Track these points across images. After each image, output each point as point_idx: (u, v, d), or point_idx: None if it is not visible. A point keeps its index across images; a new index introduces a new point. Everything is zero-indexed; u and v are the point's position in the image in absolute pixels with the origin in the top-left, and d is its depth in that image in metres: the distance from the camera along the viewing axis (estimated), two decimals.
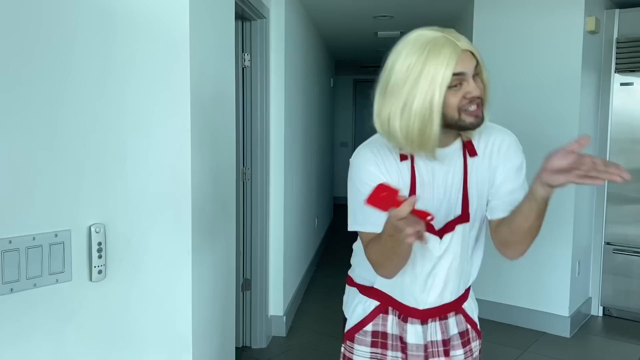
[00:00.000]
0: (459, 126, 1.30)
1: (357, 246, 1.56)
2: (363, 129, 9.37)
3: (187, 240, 1.75)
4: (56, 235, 1.45)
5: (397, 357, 1.51)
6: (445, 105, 1.24)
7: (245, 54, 3.41)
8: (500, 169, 1.41)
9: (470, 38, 4.10)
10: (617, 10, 4.02)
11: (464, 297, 1.54)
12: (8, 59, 1.34)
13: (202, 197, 1.91)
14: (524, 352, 3.56)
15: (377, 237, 1.31)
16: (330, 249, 6.36)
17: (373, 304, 1.52)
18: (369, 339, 1.51)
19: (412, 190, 1.36)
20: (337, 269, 5.54)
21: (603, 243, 4.18)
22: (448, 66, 1.21)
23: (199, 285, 1.88)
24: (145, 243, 1.67)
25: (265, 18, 3.41)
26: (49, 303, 1.46)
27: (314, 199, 5.52)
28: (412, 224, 1.11)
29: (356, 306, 1.55)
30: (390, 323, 1.51)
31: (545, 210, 1.27)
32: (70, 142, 1.48)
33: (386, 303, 1.50)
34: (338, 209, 8.35)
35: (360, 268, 1.55)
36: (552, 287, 3.87)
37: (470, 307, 1.57)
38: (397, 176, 1.36)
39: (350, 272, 1.64)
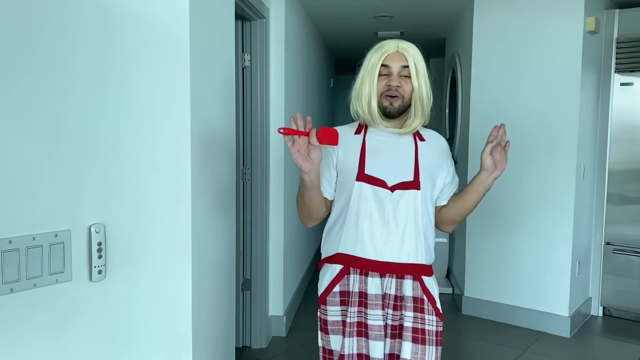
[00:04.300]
0: (382, 108, 1.73)
1: (324, 233, 1.86)
2: None
3: (187, 240, 1.75)
4: (56, 235, 1.45)
5: (355, 311, 1.74)
6: (377, 89, 1.72)
7: (245, 54, 3.41)
8: (443, 165, 1.82)
9: (470, 38, 4.11)
10: (617, 10, 4.02)
11: (423, 269, 1.77)
12: (9, 58, 1.34)
13: (202, 197, 1.91)
14: (524, 352, 3.56)
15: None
16: None
17: (338, 267, 1.77)
18: (337, 299, 1.77)
19: (362, 152, 1.74)
20: None
21: (603, 243, 4.18)
22: (380, 59, 1.72)
23: (199, 285, 1.88)
24: (145, 243, 1.67)
25: (265, 18, 3.41)
26: (49, 303, 1.46)
27: None
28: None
29: (324, 275, 1.81)
30: (352, 282, 1.75)
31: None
32: (71, 142, 1.48)
33: (349, 264, 1.75)
34: None
35: (326, 244, 1.84)
36: (552, 287, 3.87)
37: (431, 283, 1.79)
38: (350, 144, 1.76)
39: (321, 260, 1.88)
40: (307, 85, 4.92)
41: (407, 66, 1.71)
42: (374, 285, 1.73)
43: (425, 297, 1.75)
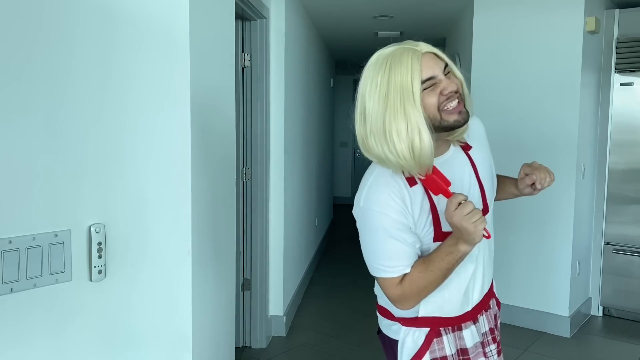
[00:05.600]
0: (444, 127, 1.29)
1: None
2: None
3: (187, 240, 1.75)
4: (56, 235, 1.45)
5: None
6: (424, 108, 1.23)
7: (245, 54, 3.41)
8: (489, 152, 1.53)
9: (470, 38, 4.11)
10: (617, 10, 4.02)
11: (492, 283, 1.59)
12: (8, 58, 1.34)
13: (202, 197, 1.91)
14: (524, 352, 3.56)
15: (422, 266, 1.31)
16: (330, 248, 6.35)
17: (422, 332, 1.44)
18: None
19: (433, 209, 1.33)
20: (336, 269, 5.57)
21: (603, 243, 4.18)
22: (414, 72, 1.22)
23: (199, 285, 1.88)
24: (145, 243, 1.67)
25: (265, 18, 3.41)
26: (49, 303, 1.46)
27: (314, 199, 5.52)
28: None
29: (404, 339, 1.46)
30: (447, 344, 1.44)
31: None
32: (70, 142, 1.48)
33: (437, 326, 1.44)
34: (338, 209, 8.34)
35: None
36: (552, 287, 3.87)
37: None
38: (417, 204, 1.32)
39: (383, 303, 1.53)
40: (307, 85, 4.92)
41: (446, 64, 1.30)
42: (471, 335, 1.48)
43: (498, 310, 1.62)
